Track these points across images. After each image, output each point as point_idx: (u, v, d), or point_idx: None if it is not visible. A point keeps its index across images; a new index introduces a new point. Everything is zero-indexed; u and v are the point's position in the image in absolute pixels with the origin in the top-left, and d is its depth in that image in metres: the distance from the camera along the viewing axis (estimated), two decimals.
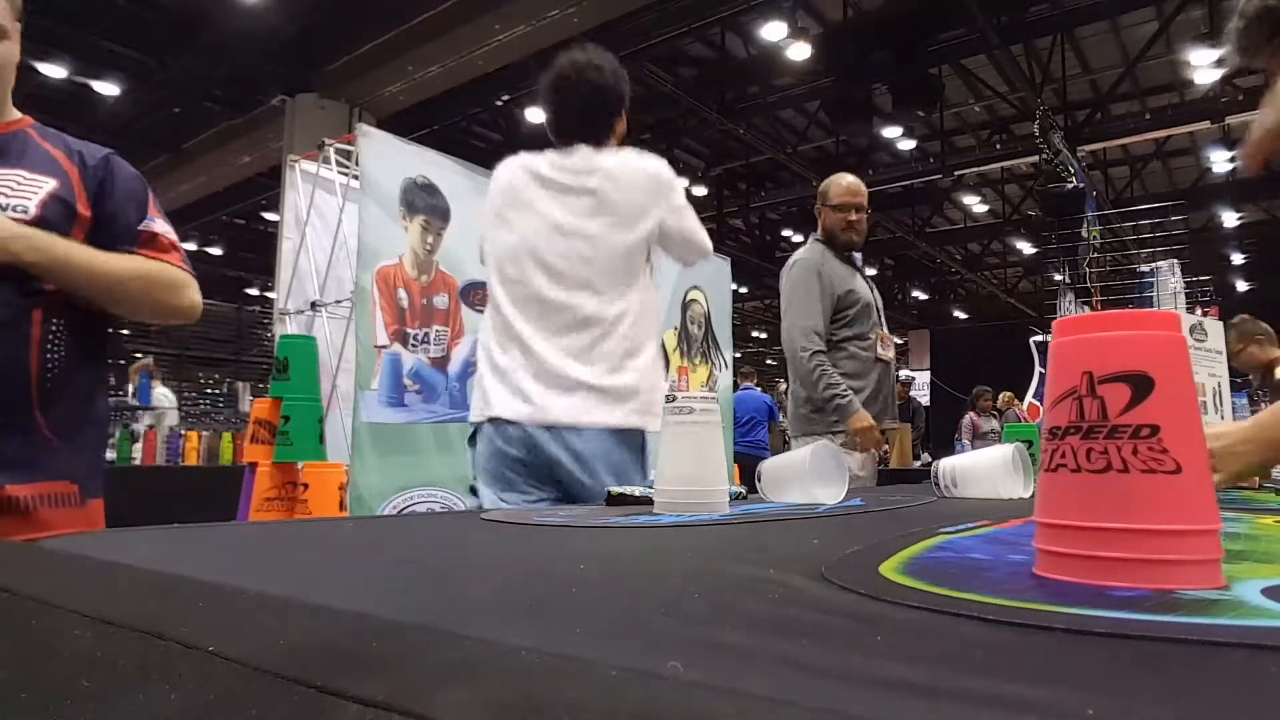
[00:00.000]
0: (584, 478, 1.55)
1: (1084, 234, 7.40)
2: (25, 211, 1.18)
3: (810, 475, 1.14)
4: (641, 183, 1.67)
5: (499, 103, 9.12)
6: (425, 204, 4.00)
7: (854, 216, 2.70)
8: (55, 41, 7.57)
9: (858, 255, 2.79)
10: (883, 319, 2.76)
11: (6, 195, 1.18)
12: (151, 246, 1.32)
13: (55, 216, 1.21)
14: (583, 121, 1.69)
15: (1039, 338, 8.66)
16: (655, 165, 1.71)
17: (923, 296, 18.74)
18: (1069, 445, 0.46)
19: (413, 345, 3.90)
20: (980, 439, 8.76)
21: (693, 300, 5.55)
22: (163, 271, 1.32)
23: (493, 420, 1.61)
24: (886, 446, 2.51)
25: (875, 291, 2.76)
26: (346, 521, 1.39)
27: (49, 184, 1.22)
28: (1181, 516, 0.44)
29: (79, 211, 1.25)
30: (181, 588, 0.43)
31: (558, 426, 1.57)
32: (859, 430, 2.48)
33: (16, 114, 1.30)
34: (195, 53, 8.01)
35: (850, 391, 2.49)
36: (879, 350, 2.67)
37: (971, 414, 9.27)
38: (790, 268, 2.69)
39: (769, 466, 1.25)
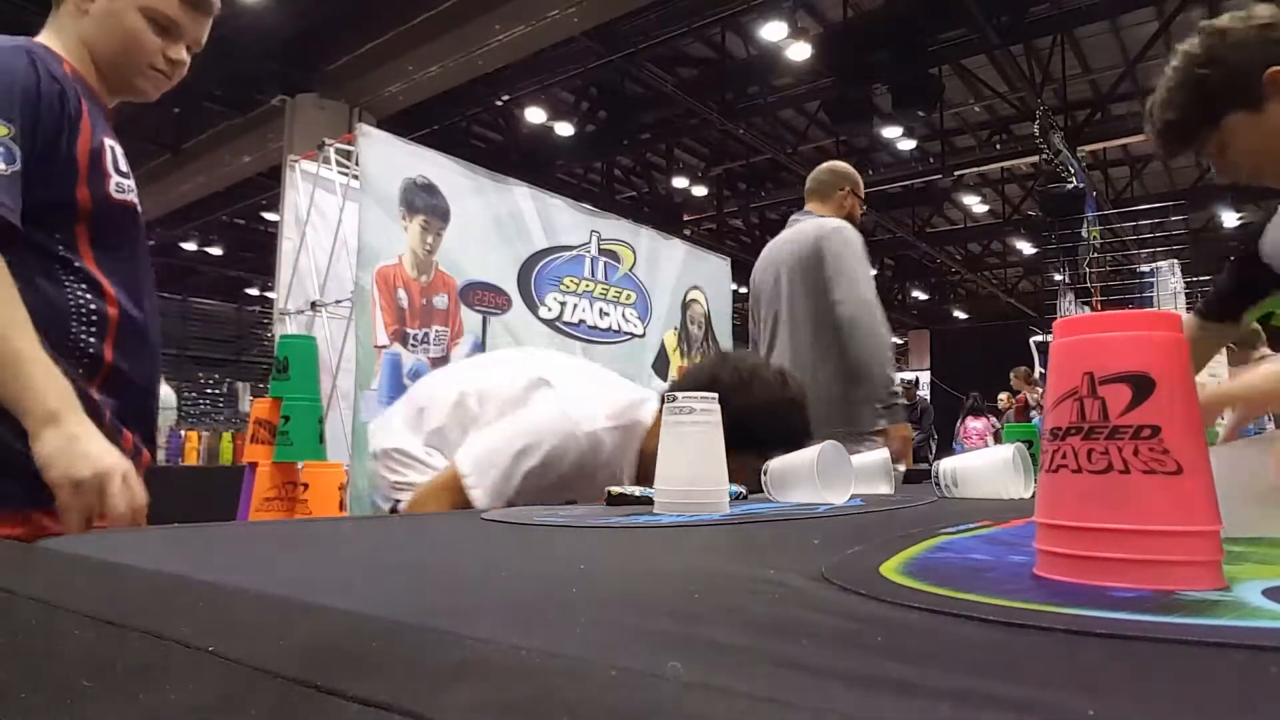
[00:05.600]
0: None
1: (1084, 234, 7.41)
2: None
3: (817, 475, 1.13)
4: None
5: (499, 103, 9.12)
6: (425, 204, 4.00)
7: None
8: None
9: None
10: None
11: None
12: None
13: None
14: None
15: (1039, 338, 8.67)
16: None
17: (923, 296, 18.73)
18: (1070, 446, 0.46)
19: (413, 345, 3.90)
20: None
21: (693, 300, 5.55)
22: None
23: None
24: None
25: None
26: (346, 521, 1.39)
27: None
28: (1182, 517, 0.43)
29: None
30: (181, 588, 0.43)
31: None
32: (905, 438, 2.25)
33: None
34: None
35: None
36: None
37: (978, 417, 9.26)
38: (839, 229, 2.34)
39: (775, 466, 1.24)
